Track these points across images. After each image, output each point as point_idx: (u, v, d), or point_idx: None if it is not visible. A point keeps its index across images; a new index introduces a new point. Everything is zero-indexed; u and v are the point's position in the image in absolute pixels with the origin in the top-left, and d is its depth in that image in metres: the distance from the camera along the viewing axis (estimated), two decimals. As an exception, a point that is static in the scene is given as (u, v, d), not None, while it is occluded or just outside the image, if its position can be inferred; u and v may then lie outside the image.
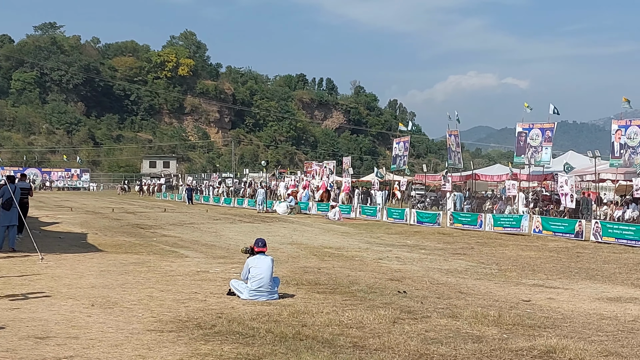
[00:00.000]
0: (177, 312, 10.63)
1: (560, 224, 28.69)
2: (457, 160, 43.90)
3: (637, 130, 30.51)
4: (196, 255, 19.24)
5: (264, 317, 10.26)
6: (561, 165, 36.83)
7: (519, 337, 9.31)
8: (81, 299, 11.58)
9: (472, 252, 22.14)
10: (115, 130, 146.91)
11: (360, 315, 10.44)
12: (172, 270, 15.64)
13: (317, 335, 9.10)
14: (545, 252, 22.18)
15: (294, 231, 29.82)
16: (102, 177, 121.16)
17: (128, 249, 20.44)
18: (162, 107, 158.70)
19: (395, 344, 8.71)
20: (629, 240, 24.30)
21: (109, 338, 8.88)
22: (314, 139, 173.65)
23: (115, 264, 16.55)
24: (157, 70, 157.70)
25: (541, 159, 37.29)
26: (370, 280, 14.50)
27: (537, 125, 37.80)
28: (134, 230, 28.39)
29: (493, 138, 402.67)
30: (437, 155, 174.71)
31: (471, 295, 13.00)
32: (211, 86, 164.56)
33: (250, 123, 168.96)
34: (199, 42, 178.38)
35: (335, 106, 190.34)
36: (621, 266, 18.55)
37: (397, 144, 46.17)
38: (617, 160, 32.00)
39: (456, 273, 16.50)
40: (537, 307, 11.81)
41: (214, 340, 8.80)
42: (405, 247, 23.55)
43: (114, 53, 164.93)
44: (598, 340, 9.21)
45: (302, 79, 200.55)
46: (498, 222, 30.79)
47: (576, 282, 15.36)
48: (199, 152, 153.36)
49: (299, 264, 17.57)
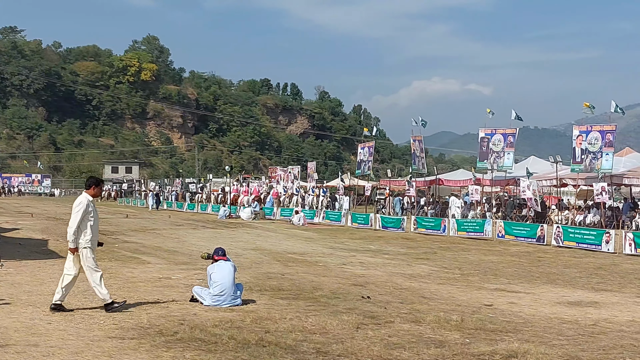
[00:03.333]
0: (139, 318, 10.52)
1: (523, 228, 28.97)
2: (421, 166, 44.07)
3: (597, 136, 30.86)
4: (158, 262, 19.09)
5: (227, 323, 10.19)
6: (523, 170, 37.22)
7: (481, 341, 9.35)
8: (41, 306, 11.42)
9: (435, 256, 22.25)
10: (77, 136, 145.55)
11: (324, 320, 10.42)
12: (134, 276, 15.48)
13: (280, 341, 9.06)
14: (507, 257, 22.35)
15: (258, 237, 29.73)
16: (63, 183, 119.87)
17: (89, 256, 20.16)
18: (124, 112, 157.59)
19: (358, 350, 8.70)
20: (590, 244, 24.59)
21: (70, 345, 8.76)
22: (279, 144, 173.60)
23: (76, 271, 16.31)
24: (119, 75, 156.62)
25: (503, 164, 37.57)
26: (333, 286, 14.49)
27: (500, 130, 38.08)
28: (95, 237, 28.03)
29: (456, 143, 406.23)
30: (402, 160, 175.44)
31: (434, 300, 13.05)
32: (174, 91, 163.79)
33: (213, 128, 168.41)
34: (162, 46, 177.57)
35: (300, 111, 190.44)
36: (582, 270, 18.75)
37: (361, 149, 46.25)
38: (578, 166, 32.34)
39: (419, 278, 16.55)
40: (498, 311, 11.87)
41: (176, 347, 8.72)
42: (368, 252, 23.59)
43: (75, 57, 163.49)
44: (559, 344, 9.29)
45: (266, 84, 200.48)
46: (461, 227, 31.00)
47: (537, 286, 15.48)
48: (161, 158, 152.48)
49: (262, 269, 17.51)
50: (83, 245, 11.19)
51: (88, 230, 11.26)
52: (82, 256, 11.20)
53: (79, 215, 11.16)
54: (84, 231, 11.23)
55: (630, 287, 15.47)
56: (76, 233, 11.14)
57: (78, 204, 11.29)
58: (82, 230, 11.22)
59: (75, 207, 11.25)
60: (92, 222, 11.36)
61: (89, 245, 11.25)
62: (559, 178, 34.73)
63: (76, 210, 11.21)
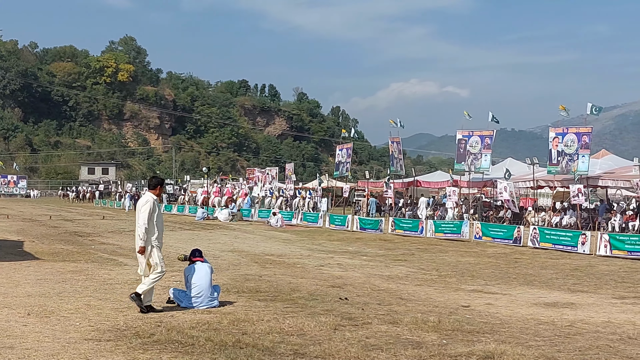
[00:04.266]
0: (116, 320, 10.46)
1: (499, 230, 29.11)
2: (399, 167, 44.20)
3: (573, 138, 31.10)
4: (135, 264, 18.84)
5: (204, 325, 10.16)
6: (500, 172, 37.42)
7: (458, 342, 9.38)
8: (17, 308, 11.33)
9: (413, 258, 22.30)
10: (53, 137, 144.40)
11: (301, 322, 10.41)
12: (111, 278, 15.40)
13: (257, 343, 9.04)
14: (484, 258, 22.45)
15: (236, 238, 29.66)
16: (39, 184, 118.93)
17: (66, 257, 20.08)
18: (101, 113, 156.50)
19: (335, 351, 8.70)
20: (566, 246, 24.75)
21: (45, 347, 8.70)
22: (256, 146, 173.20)
23: (52, 273, 16.24)
24: (96, 76, 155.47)
25: (481, 165, 37.79)
26: (311, 287, 14.49)
27: (477, 132, 38.29)
28: (71, 238, 27.91)
29: (434, 145, 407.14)
30: (380, 162, 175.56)
31: (411, 301, 13.08)
32: (151, 92, 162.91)
33: (191, 129, 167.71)
34: (139, 47, 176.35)
35: (278, 112, 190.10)
36: (558, 272, 18.87)
37: (339, 151, 46.31)
38: (554, 167, 32.59)
39: (397, 279, 16.59)
40: (476, 312, 11.92)
41: (153, 349, 8.68)
42: (347, 253, 23.60)
43: (52, 58, 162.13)
44: (535, 345, 9.33)
45: (244, 85, 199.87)
46: (439, 229, 31.10)
47: (514, 287, 15.56)
48: (138, 159, 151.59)
49: (240, 271, 17.47)
50: (150, 244, 11.30)
51: (154, 229, 11.36)
52: (150, 255, 11.32)
53: (147, 213, 11.20)
54: (150, 230, 11.31)
55: (606, 289, 15.59)
56: (147, 232, 11.21)
57: (144, 202, 11.34)
58: (149, 229, 11.27)
59: (141, 207, 11.32)
60: (157, 221, 11.42)
61: (156, 243, 11.37)
62: (535, 180, 34.94)
63: (143, 209, 11.26)
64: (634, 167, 32.94)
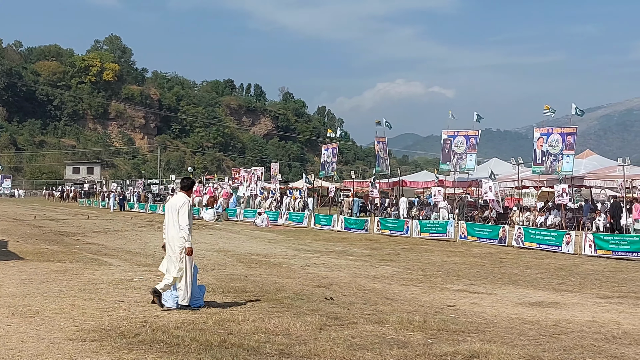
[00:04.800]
0: (100, 320, 10.41)
1: (485, 229, 29.18)
2: (385, 167, 44.22)
3: (558, 138, 31.23)
4: (120, 263, 18.92)
5: (189, 325, 10.13)
6: (485, 172, 37.52)
7: (443, 342, 9.39)
8: (1, 308, 11.25)
9: (399, 258, 22.32)
10: (38, 136, 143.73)
11: (287, 322, 10.40)
12: (96, 278, 15.33)
13: (242, 343, 9.03)
14: (469, 258, 22.50)
15: (221, 238, 29.60)
16: (24, 184, 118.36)
17: (50, 257, 19.98)
18: (86, 112, 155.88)
19: (321, 351, 8.69)
20: (550, 245, 24.84)
21: (30, 348, 8.65)
22: (242, 145, 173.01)
23: (36, 272, 16.15)
24: (81, 75, 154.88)
25: (466, 165, 37.89)
26: (297, 287, 14.47)
27: (462, 132, 38.39)
28: (56, 238, 27.78)
29: (419, 145, 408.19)
30: (365, 161, 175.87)
31: (397, 300, 13.09)
32: (136, 91, 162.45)
33: (176, 129, 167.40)
34: (124, 46, 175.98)
35: (264, 112, 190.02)
36: (543, 271, 18.93)
37: (325, 151, 46.27)
38: (539, 167, 32.72)
39: (382, 279, 16.59)
40: (461, 312, 11.94)
41: (138, 349, 8.64)
42: (332, 253, 23.59)
43: (37, 57, 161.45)
44: (520, 344, 9.36)
45: (230, 84, 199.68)
46: (424, 228, 31.14)
47: (499, 287, 15.60)
48: (123, 159, 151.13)
49: (226, 271, 17.44)
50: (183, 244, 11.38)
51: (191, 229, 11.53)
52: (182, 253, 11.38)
53: (187, 214, 11.30)
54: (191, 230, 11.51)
55: (590, 288, 15.65)
56: (190, 232, 11.35)
57: (182, 204, 11.40)
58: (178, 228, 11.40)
59: (180, 208, 11.37)
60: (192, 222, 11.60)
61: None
62: (520, 180, 35.07)
63: (183, 210, 11.33)
64: (617, 167, 33.04)
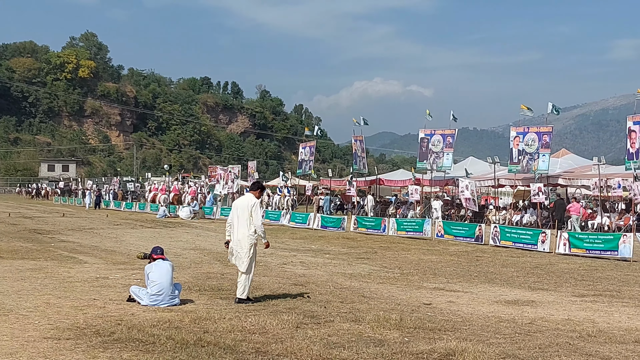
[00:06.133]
0: (75, 319, 10.33)
1: (461, 228, 29.28)
2: (362, 166, 44.23)
3: (534, 137, 31.43)
4: (95, 261, 18.79)
5: (165, 323, 10.07)
6: (462, 170, 37.67)
7: (419, 340, 9.41)
8: (-27, 307, 11.14)
9: (376, 256, 22.35)
10: (13, 133, 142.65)
11: (264, 320, 10.37)
12: (71, 276, 15.22)
13: (219, 341, 8.99)
14: (446, 256, 22.57)
15: (197, 236, 29.52)
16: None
17: (25, 255, 19.82)
18: (61, 109, 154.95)
19: (298, 349, 8.67)
20: (526, 244, 24.97)
21: (4, 346, 8.57)
22: (219, 143, 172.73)
23: (11, 270, 16.00)
24: (57, 72, 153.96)
25: (443, 164, 38.00)
26: (274, 285, 14.45)
27: (439, 131, 38.49)
28: (31, 236, 27.55)
29: (397, 144, 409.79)
30: (343, 160, 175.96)
31: (374, 299, 13.10)
32: (112, 88, 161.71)
33: (152, 126, 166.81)
34: (100, 43, 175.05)
35: (241, 110, 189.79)
36: (519, 270, 19.03)
37: (303, 149, 46.21)
38: (515, 166, 32.91)
39: (359, 277, 16.60)
40: (437, 310, 11.97)
41: (113, 348, 8.58)
42: (309, 251, 23.58)
43: (11, 53, 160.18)
44: (496, 342, 9.39)
45: (206, 82, 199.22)
46: (401, 227, 31.18)
47: (475, 285, 15.66)
48: (99, 156, 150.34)
49: (202, 269, 17.38)
50: (252, 241, 12.06)
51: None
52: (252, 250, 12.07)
53: (260, 211, 12.21)
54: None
55: (565, 286, 15.75)
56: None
57: (254, 203, 12.17)
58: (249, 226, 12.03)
59: (252, 207, 12.09)
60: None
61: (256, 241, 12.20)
62: (496, 178, 35.23)
63: (255, 208, 12.12)
64: (593, 166, 33.28)
